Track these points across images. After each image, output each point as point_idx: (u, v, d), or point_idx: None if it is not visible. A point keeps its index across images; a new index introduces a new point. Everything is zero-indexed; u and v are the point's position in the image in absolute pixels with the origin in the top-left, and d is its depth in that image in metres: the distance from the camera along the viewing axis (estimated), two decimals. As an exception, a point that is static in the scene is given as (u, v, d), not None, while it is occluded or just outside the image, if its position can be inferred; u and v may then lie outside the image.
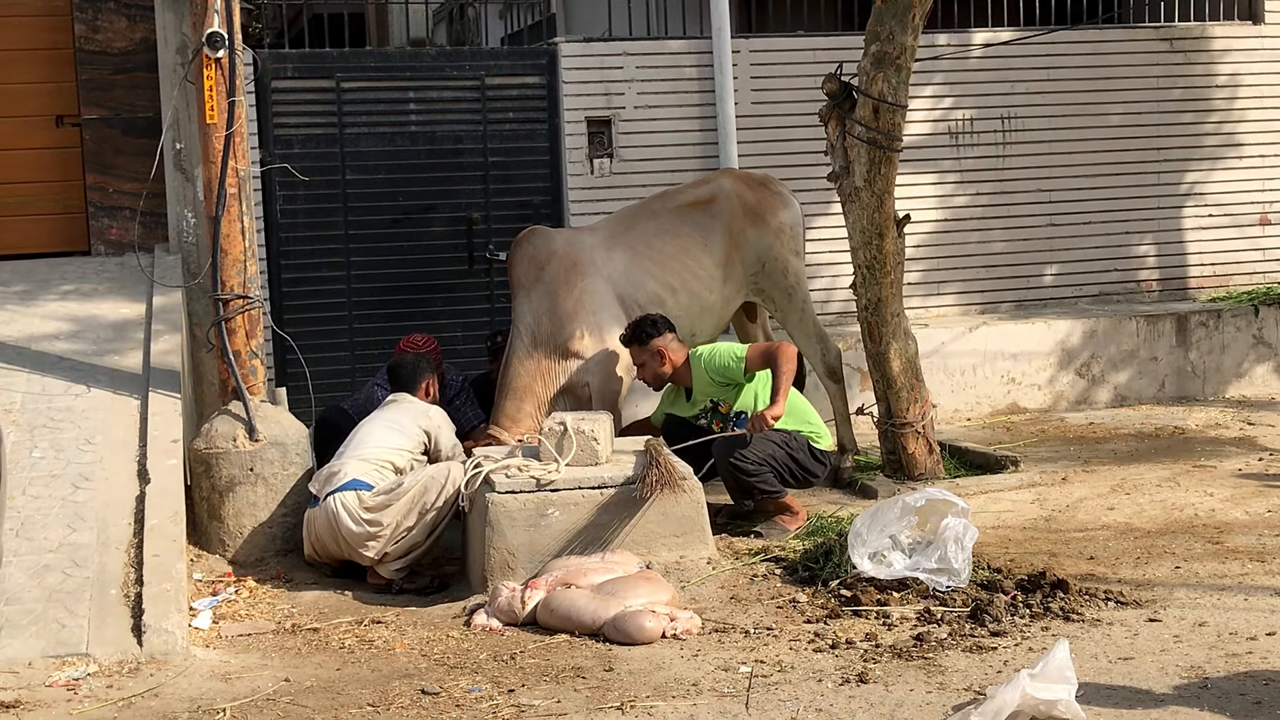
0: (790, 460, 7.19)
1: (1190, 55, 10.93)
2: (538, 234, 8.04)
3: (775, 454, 7.14)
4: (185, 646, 5.62)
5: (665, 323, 7.46)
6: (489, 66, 9.73)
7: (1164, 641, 5.43)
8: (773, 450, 7.14)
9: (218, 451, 6.96)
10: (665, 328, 7.43)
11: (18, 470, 6.55)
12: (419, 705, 5.09)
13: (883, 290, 8.02)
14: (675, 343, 7.43)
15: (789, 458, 7.18)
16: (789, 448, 7.20)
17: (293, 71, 9.37)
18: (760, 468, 7.06)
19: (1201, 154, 10.99)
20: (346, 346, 9.44)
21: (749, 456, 7.06)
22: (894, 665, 5.28)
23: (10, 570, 5.87)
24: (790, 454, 7.19)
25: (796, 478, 7.25)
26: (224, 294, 7.17)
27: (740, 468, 7.04)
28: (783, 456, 7.16)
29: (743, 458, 7.06)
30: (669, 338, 7.41)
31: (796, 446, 7.22)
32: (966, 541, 6.09)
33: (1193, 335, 10.36)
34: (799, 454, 7.22)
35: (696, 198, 8.24)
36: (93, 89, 9.22)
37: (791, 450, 7.20)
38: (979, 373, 10.02)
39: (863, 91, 7.84)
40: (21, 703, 5.13)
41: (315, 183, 9.29)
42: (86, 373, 7.58)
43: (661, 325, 7.43)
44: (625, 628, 5.69)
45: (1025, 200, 10.63)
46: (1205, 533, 6.93)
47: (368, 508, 6.53)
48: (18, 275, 8.87)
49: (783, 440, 7.19)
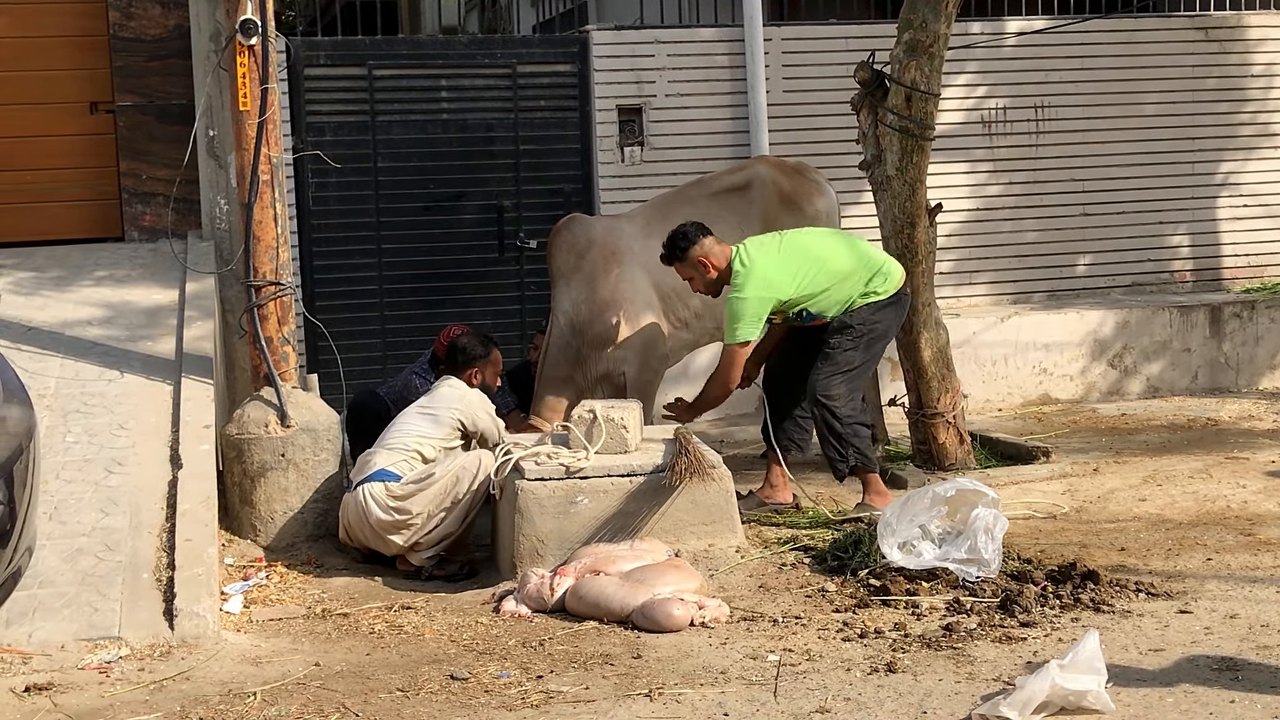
0: (867, 350, 7.10)
1: (1225, 44, 10.85)
2: (576, 222, 8.03)
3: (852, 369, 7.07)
4: (216, 630, 5.66)
5: (697, 229, 7.15)
6: (520, 54, 9.74)
7: (1195, 633, 5.41)
8: (848, 367, 7.06)
9: (250, 437, 6.99)
10: (699, 234, 7.12)
11: (51, 455, 6.59)
12: (448, 690, 5.11)
13: (914, 279, 7.98)
14: (716, 246, 7.13)
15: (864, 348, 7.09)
16: (855, 344, 7.07)
17: (325, 59, 9.40)
18: (851, 408, 7.03)
19: (1236, 144, 10.92)
20: (378, 333, 9.48)
21: (838, 392, 7.00)
22: (923, 655, 5.28)
23: (43, 554, 5.91)
24: (861, 342, 7.07)
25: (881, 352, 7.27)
26: (256, 280, 7.20)
27: (835, 409, 6.98)
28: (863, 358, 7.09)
29: (832, 395, 6.98)
30: (706, 244, 7.10)
31: (859, 331, 7.08)
32: (996, 532, 6.07)
33: (1226, 326, 10.30)
34: (868, 331, 7.10)
35: (732, 184, 8.23)
36: (127, 76, 9.27)
37: (858, 340, 7.07)
38: (1010, 363, 9.99)
39: (895, 80, 7.81)
40: (54, 685, 5.17)
41: (347, 170, 9.32)
42: (120, 358, 7.62)
43: (694, 234, 7.12)
44: (654, 615, 5.70)
45: (1058, 190, 10.58)
46: (1237, 525, 6.90)
47: (395, 497, 6.55)
48: (52, 261, 8.93)
49: (849, 344, 7.07)
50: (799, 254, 7.10)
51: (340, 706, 4.97)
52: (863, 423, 7.19)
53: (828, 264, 7.11)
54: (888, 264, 7.30)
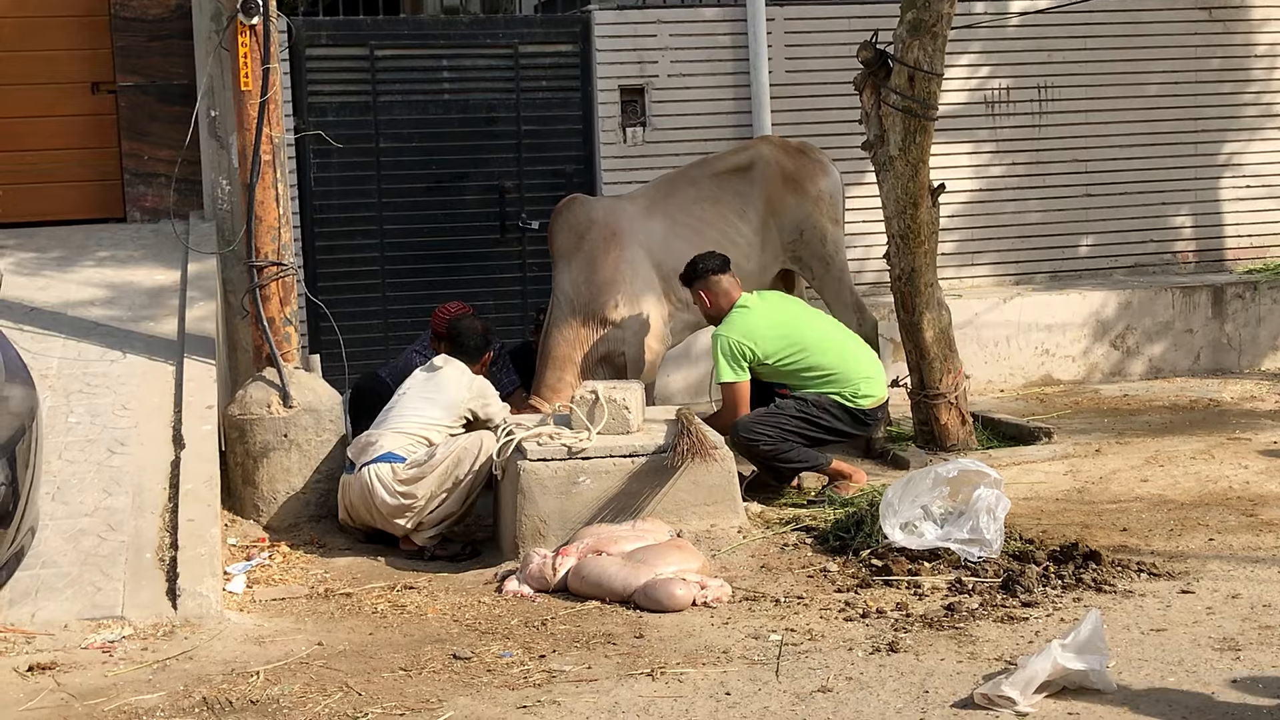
0: (807, 423, 7.14)
1: (1229, 25, 10.81)
2: (577, 202, 8.02)
3: (787, 424, 7.10)
4: (219, 610, 5.66)
5: (711, 264, 7.32)
6: (522, 34, 9.71)
7: (1196, 613, 5.41)
8: (784, 420, 7.11)
9: (252, 418, 6.99)
10: (707, 270, 7.31)
11: (54, 435, 6.60)
12: (450, 670, 5.12)
13: (916, 260, 7.98)
14: (719, 286, 7.30)
15: (806, 421, 7.14)
16: (804, 413, 7.15)
17: (327, 39, 9.38)
18: (778, 443, 7.04)
19: (1240, 124, 10.89)
20: (380, 314, 9.47)
21: (763, 432, 7.05)
22: (925, 635, 5.28)
23: (46, 534, 5.92)
24: (808, 418, 7.15)
25: (822, 440, 7.22)
26: (258, 261, 7.19)
27: (756, 447, 7.03)
28: (797, 424, 7.12)
29: (756, 434, 7.04)
30: (710, 280, 7.30)
31: (813, 410, 7.16)
32: (999, 512, 6.07)
33: (1228, 307, 10.29)
34: (818, 415, 7.17)
35: (735, 164, 8.21)
36: (128, 56, 9.25)
37: (808, 414, 7.16)
38: (1013, 344, 9.98)
39: (898, 59, 7.79)
40: (58, 664, 5.18)
41: (349, 150, 9.30)
42: (122, 339, 7.62)
43: (703, 268, 7.32)
44: (656, 595, 5.70)
45: (1061, 170, 10.56)
46: (1239, 505, 6.90)
47: (401, 480, 6.54)
48: (54, 241, 8.93)
49: (795, 409, 7.15)
50: (793, 321, 7.26)
51: (343, 685, 4.98)
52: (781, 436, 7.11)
53: (812, 350, 7.19)
54: (870, 383, 7.27)
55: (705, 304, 7.41)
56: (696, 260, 7.42)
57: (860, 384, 7.26)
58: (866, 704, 4.68)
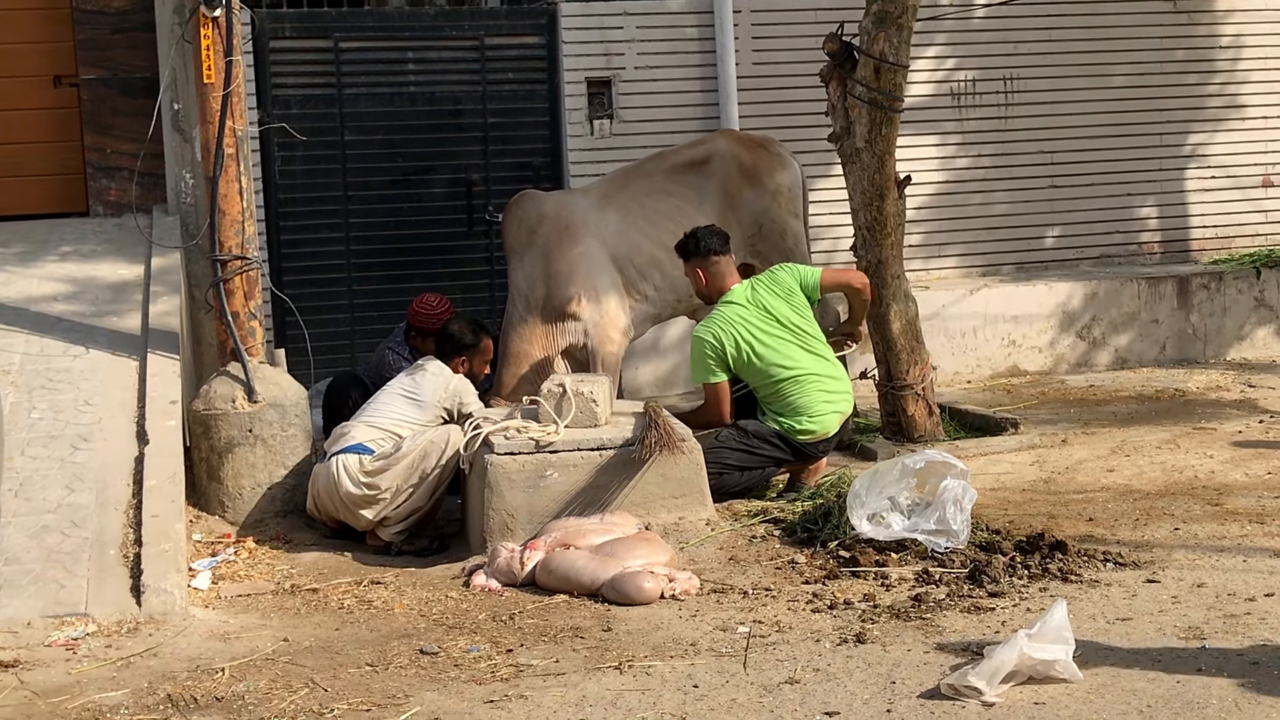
0: (748, 454, 7.01)
1: (1194, 16, 10.86)
2: (527, 198, 7.98)
3: (728, 458, 6.97)
4: (184, 606, 5.63)
5: (712, 243, 7.20)
6: (488, 26, 9.68)
7: (1162, 602, 5.43)
8: (725, 455, 6.95)
9: (216, 413, 6.95)
10: (708, 250, 7.18)
11: (16, 431, 6.55)
12: (418, 665, 5.10)
13: (883, 252, 7.99)
14: (716, 267, 7.19)
15: (747, 452, 7.00)
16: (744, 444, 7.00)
17: (290, 31, 9.32)
18: (720, 478, 6.86)
19: (1204, 116, 10.94)
20: (346, 308, 9.43)
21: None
22: (892, 625, 5.29)
23: (9, 531, 5.88)
24: (748, 449, 7.01)
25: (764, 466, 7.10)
26: (222, 255, 7.15)
27: None
28: (740, 457, 6.99)
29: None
30: (710, 260, 7.17)
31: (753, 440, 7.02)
32: (965, 503, 6.09)
33: (1194, 298, 10.34)
34: (758, 445, 7.02)
35: (691, 158, 8.16)
36: (90, 49, 9.18)
37: (748, 445, 7.01)
38: (979, 335, 10.01)
39: (864, 51, 7.80)
40: (21, 662, 5.14)
41: (313, 143, 9.25)
42: (85, 334, 7.57)
43: (705, 246, 7.19)
44: (624, 588, 5.70)
45: (1027, 162, 10.59)
46: (1205, 494, 6.93)
47: (367, 471, 6.54)
48: (16, 236, 8.85)
49: (736, 440, 7.01)
50: (770, 339, 7.06)
51: (309, 681, 4.96)
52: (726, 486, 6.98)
53: (776, 376, 7.03)
54: (822, 420, 7.05)
55: (700, 282, 7.24)
56: (698, 235, 7.23)
57: (813, 420, 7.05)
58: (834, 695, 4.69)
